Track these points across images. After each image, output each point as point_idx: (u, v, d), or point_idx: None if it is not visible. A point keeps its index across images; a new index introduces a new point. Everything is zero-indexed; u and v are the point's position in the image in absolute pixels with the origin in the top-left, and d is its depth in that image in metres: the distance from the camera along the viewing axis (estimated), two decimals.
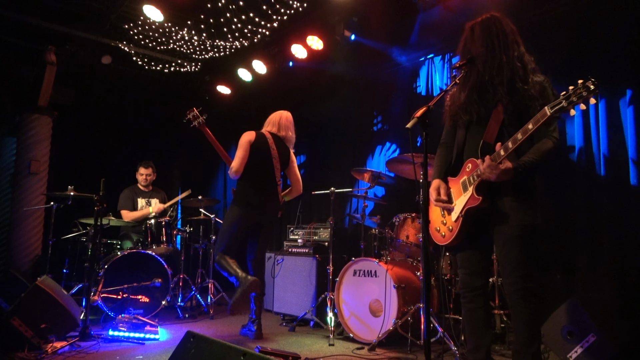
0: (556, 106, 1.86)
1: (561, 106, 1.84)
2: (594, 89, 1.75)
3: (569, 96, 1.82)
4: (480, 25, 2.31)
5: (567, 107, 1.82)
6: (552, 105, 1.88)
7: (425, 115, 1.89)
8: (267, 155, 3.77)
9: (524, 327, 2.19)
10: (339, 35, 4.95)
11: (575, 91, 1.81)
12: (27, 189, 5.63)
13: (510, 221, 2.16)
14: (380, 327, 3.51)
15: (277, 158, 3.79)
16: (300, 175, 4.01)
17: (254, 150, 3.74)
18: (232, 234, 3.70)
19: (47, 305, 3.24)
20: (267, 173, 3.76)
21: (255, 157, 3.74)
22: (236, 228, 3.70)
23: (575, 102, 1.80)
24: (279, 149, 3.83)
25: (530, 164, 2.10)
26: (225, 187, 7.55)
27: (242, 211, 3.72)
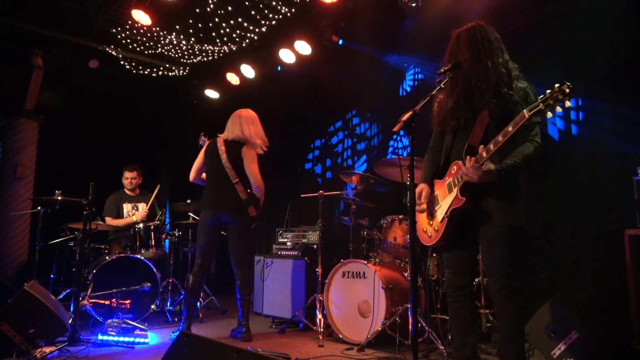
0: (534, 109, 1.94)
1: (539, 109, 1.92)
2: (569, 92, 1.83)
3: (546, 99, 1.90)
4: (466, 32, 2.38)
5: (545, 109, 1.90)
6: (530, 108, 1.96)
7: (411, 119, 1.95)
8: (217, 159, 3.91)
9: (508, 324, 2.26)
10: (327, 40, 5.01)
11: (551, 94, 1.89)
12: (12, 193, 5.57)
13: (495, 221, 2.23)
14: (369, 327, 3.56)
15: (227, 159, 3.89)
16: (257, 169, 3.96)
17: (206, 157, 3.99)
18: (202, 239, 3.86)
19: (36, 311, 3.23)
20: (221, 175, 3.88)
21: (209, 163, 3.97)
22: (203, 232, 3.85)
23: (552, 105, 1.88)
24: (228, 150, 3.92)
25: (512, 166, 2.18)
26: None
27: (203, 214, 3.88)
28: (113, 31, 5.39)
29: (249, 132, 4.00)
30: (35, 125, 5.84)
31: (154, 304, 4.41)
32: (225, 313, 5.21)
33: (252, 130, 4.03)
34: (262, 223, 7.05)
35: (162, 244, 4.85)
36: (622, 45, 3.67)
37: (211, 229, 3.83)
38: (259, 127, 4.11)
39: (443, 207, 2.33)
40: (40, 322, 3.21)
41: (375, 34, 4.96)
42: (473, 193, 2.23)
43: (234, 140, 3.96)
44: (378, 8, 4.55)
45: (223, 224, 3.90)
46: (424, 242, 2.51)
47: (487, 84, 2.26)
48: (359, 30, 4.92)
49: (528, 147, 2.22)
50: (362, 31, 4.93)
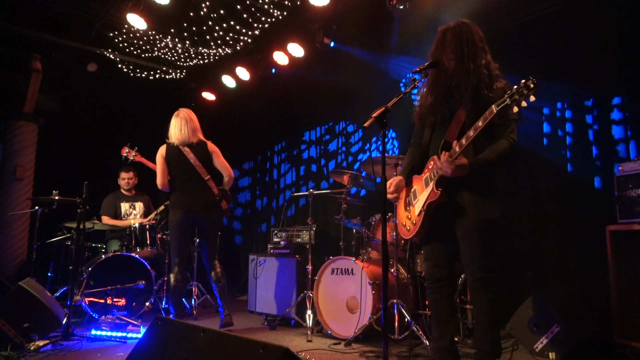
0: (501, 104, 2.01)
1: (505, 104, 1.99)
2: (534, 88, 1.91)
3: (513, 94, 1.97)
4: (452, 31, 2.42)
5: (511, 104, 1.97)
6: (498, 104, 2.03)
7: (382, 115, 2.03)
8: (184, 161, 4.04)
9: (483, 314, 2.33)
10: (319, 43, 5.10)
11: (517, 89, 1.96)
12: (12, 194, 5.69)
13: (469, 215, 2.30)
14: (356, 323, 3.62)
15: (196, 159, 4.04)
16: (226, 161, 4.18)
17: (169, 163, 4.08)
18: (177, 239, 3.99)
19: (30, 305, 3.32)
20: (191, 176, 4.03)
21: (173, 167, 4.07)
22: (177, 232, 3.99)
23: (517, 99, 1.95)
24: (195, 151, 4.07)
25: (485, 161, 2.25)
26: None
27: (174, 214, 4.01)
28: (110, 35, 5.51)
29: (199, 131, 4.19)
30: (34, 127, 5.96)
31: (148, 301, 4.49)
32: None
33: (199, 127, 4.21)
34: (259, 223, 7.16)
35: (157, 243, 4.93)
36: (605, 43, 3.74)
37: (184, 230, 4.01)
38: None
39: (420, 201, 2.41)
40: (34, 317, 3.30)
41: (365, 37, 5.05)
42: (449, 187, 2.31)
43: (197, 141, 4.11)
44: (367, 11, 4.64)
45: (194, 223, 4.10)
46: (403, 235, 2.59)
47: (466, 85, 2.32)
48: (350, 32, 5.02)
49: (502, 144, 2.29)
50: (352, 34, 5.03)
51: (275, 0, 4.59)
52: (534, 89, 1.91)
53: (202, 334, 1.42)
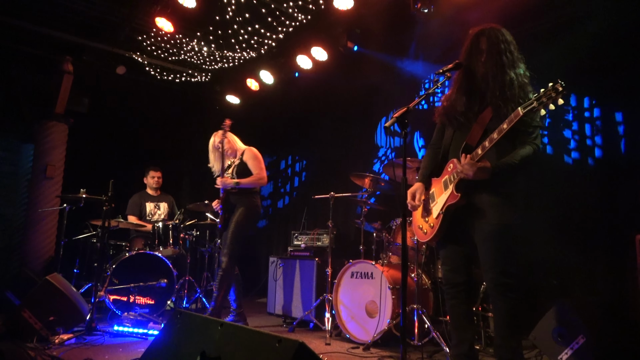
0: (528, 106, 1.98)
1: (532, 106, 1.95)
2: (562, 91, 1.87)
3: (540, 97, 1.94)
4: (486, 37, 2.37)
5: (538, 107, 1.93)
6: (525, 106, 2.00)
7: (404, 115, 2.02)
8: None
9: (503, 321, 2.29)
10: (342, 47, 5.12)
11: (545, 93, 1.93)
12: (42, 192, 5.87)
13: (489, 219, 2.26)
14: (375, 327, 3.60)
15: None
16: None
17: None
18: (246, 238, 4.10)
19: (56, 299, 3.41)
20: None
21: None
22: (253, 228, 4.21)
23: (545, 102, 1.91)
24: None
25: (508, 165, 2.21)
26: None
27: (258, 212, 4.26)
28: (139, 39, 5.64)
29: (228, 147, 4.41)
30: (64, 127, 6.14)
31: (169, 300, 4.55)
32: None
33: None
34: (280, 225, 7.19)
35: (180, 243, 5.01)
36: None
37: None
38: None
39: (439, 203, 2.38)
40: (59, 311, 3.39)
41: (388, 41, 5.04)
42: (468, 190, 2.27)
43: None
44: (391, 14, 4.63)
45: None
46: (419, 238, 2.56)
47: (511, 94, 2.25)
48: (373, 36, 5.02)
49: (526, 149, 2.25)
50: (376, 38, 5.02)
51: (300, 4, 4.62)
52: (562, 92, 1.87)
53: (220, 327, 1.44)
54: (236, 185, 4.07)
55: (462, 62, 2.39)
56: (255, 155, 4.24)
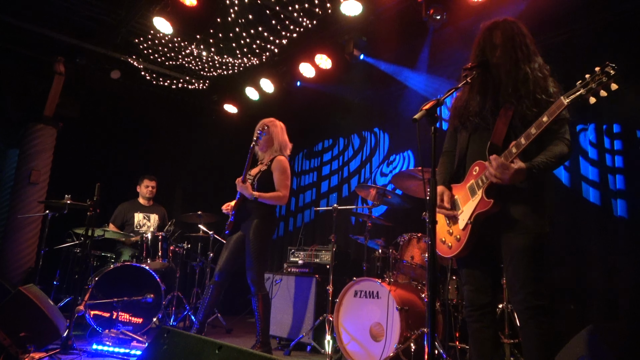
0: (573, 94, 1.74)
1: (579, 94, 1.71)
2: (614, 74, 1.64)
3: (587, 83, 1.70)
4: (501, 33, 2.19)
5: (586, 95, 1.70)
6: (569, 94, 1.76)
7: (433, 108, 1.77)
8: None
9: (535, 349, 2.00)
10: (348, 55, 4.92)
11: (593, 77, 1.69)
12: (25, 198, 5.52)
13: (520, 229, 2.00)
14: (381, 352, 3.28)
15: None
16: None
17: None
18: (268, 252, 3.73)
19: (29, 313, 3.07)
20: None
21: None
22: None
23: (594, 89, 1.68)
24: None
25: (545, 164, 1.96)
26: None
27: (274, 227, 3.80)
28: (135, 41, 5.42)
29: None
30: (53, 131, 5.84)
31: (156, 317, 4.21)
32: (231, 332, 4.97)
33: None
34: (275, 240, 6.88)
35: (169, 256, 4.68)
36: None
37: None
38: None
39: (465, 212, 2.11)
40: (32, 326, 3.06)
41: (396, 50, 4.85)
42: (501, 195, 2.01)
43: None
44: (401, 22, 4.44)
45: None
46: (443, 254, 2.27)
47: (526, 90, 2.07)
48: (381, 45, 4.83)
49: (561, 146, 2.01)
50: (384, 46, 4.83)
51: (306, 8, 4.43)
52: (614, 75, 1.63)
53: (218, 350, 1.14)
54: (254, 199, 3.56)
55: (486, 60, 2.17)
56: (284, 169, 3.68)
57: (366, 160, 5.78)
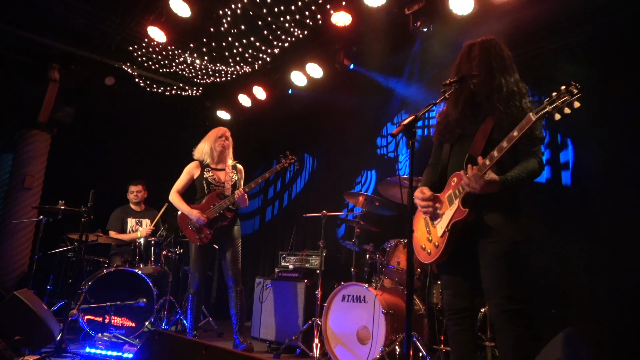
0: (541, 111, 1.85)
1: (546, 111, 1.83)
2: (578, 93, 1.75)
3: (553, 101, 1.82)
4: (479, 46, 2.33)
5: (552, 111, 1.81)
6: (537, 111, 1.87)
7: (412, 123, 1.88)
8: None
9: (510, 352, 2.10)
10: (339, 64, 5.03)
11: (559, 96, 1.81)
12: (18, 203, 5.59)
13: (496, 236, 2.11)
14: (367, 355, 3.38)
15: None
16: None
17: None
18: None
19: (23, 317, 3.14)
20: None
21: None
22: None
23: (560, 106, 1.79)
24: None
25: (517, 178, 2.08)
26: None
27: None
28: (130, 49, 5.50)
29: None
30: (47, 137, 5.91)
31: (148, 321, 4.28)
32: (222, 336, 5.05)
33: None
34: (266, 246, 6.96)
35: (162, 260, 4.76)
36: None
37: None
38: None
39: (443, 220, 2.22)
40: (27, 330, 3.12)
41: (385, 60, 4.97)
42: (476, 205, 2.13)
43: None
44: (390, 33, 4.57)
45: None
46: (422, 260, 2.38)
47: (499, 97, 2.19)
48: (370, 55, 4.95)
49: (532, 162, 2.13)
50: (373, 56, 4.95)
51: (297, 19, 4.54)
52: (577, 94, 1.75)
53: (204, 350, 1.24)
54: (246, 207, 4.08)
55: (464, 75, 2.28)
56: (243, 176, 4.29)
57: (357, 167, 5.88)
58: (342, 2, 4.35)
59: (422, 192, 2.33)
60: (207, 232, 3.96)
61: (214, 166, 4.19)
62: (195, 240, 3.97)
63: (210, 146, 4.18)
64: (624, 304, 3.42)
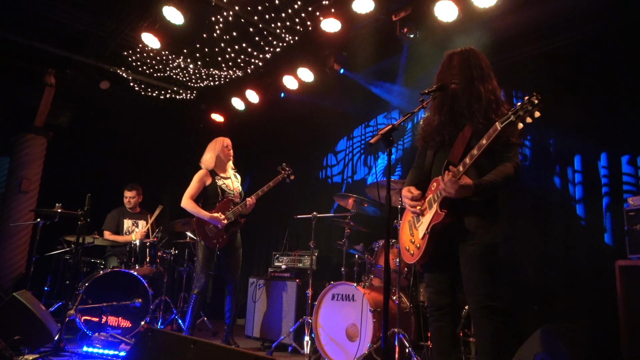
0: (505, 120, 1.98)
1: (510, 120, 1.96)
2: (538, 103, 1.88)
3: (517, 111, 1.95)
4: (459, 55, 2.45)
5: (516, 120, 1.94)
6: (502, 120, 2.00)
7: (389, 133, 2.00)
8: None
9: (486, 346, 2.23)
10: (329, 69, 5.15)
11: (522, 106, 1.94)
12: (16, 206, 5.68)
13: (474, 239, 2.24)
14: (355, 351, 3.50)
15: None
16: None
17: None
18: None
19: (23, 317, 3.25)
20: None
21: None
22: None
23: (522, 116, 1.92)
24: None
25: (491, 183, 2.21)
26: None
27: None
28: (124, 54, 5.60)
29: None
30: (43, 141, 6.01)
31: (143, 320, 4.39)
32: (216, 335, 5.16)
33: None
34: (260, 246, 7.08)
35: (157, 262, 4.86)
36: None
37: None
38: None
39: (424, 223, 2.35)
40: (26, 330, 3.23)
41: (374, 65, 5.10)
42: (453, 209, 2.25)
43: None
44: (378, 39, 4.69)
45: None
46: (406, 260, 2.52)
47: (478, 106, 2.31)
48: (360, 60, 5.06)
49: (507, 167, 2.26)
50: (362, 61, 5.07)
51: (288, 25, 4.66)
52: (538, 104, 1.88)
53: (193, 345, 1.36)
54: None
55: (444, 84, 2.41)
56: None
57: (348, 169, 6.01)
58: (331, 9, 4.46)
59: (410, 192, 2.45)
60: (224, 236, 4.14)
61: (222, 174, 4.35)
62: (213, 244, 4.13)
63: (217, 155, 4.40)
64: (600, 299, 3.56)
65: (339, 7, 4.44)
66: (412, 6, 4.24)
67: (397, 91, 5.21)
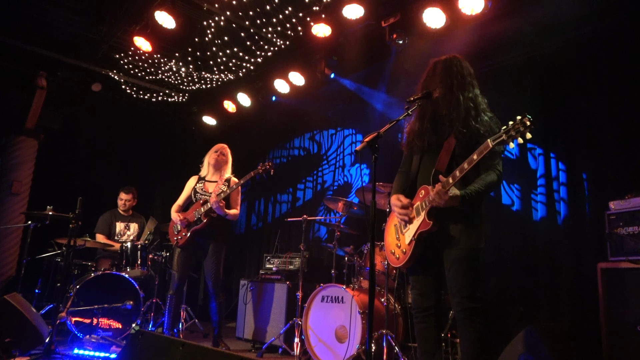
0: (497, 139, 2.05)
1: (502, 139, 2.03)
2: (529, 125, 1.95)
3: (509, 130, 2.01)
4: (442, 63, 2.53)
5: (507, 140, 2.01)
6: (494, 139, 2.07)
7: (374, 140, 2.06)
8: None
9: (470, 345, 2.31)
10: (320, 73, 5.20)
11: (514, 126, 2.00)
12: (6, 209, 5.68)
13: (458, 244, 2.32)
14: (344, 352, 3.56)
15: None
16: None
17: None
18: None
19: (14, 320, 3.27)
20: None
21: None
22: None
23: (513, 136, 1.99)
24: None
25: (476, 192, 2.28)
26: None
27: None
28: (116, 57, 5.62)
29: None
30: (34, 143, 6.01)
31: (135, 322, 4.41)
32: (207, 337, 5.18)
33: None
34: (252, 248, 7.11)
35: (148, 264, 4.89)
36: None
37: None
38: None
39: (411, 229, 2.42)
40: (17, 332, 3.25)
41: (364, 70, 5.16)
42: (439, 217, 2.33)
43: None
44: (368, 44, 4.76)
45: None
46: (392, 263, 2.58)
47: (457, 114, 2.39)
48: (350, 65, 5.13)
49: (491, 175, 2.33)
50: (352, 66, 5.13)
51: (279, 30, 4.71)
52: (529, 126, 1.94)
53: (181, 347, 1.41)
54: (224, 215, 4.14)
55: (428, 92, 2.48)
56: (239, 190, 4.34)
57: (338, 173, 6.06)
58: (321, 14, 4.52)
59: (399, 201, 2.50)
60: (182, 233, 4.20)
61: (208, 178, 4.41)
62: (172, 240, 4.29)
63: (207, 160, 4.45)
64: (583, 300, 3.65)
65: (329, 12, 4.50)
66: (401, 12, 4.31)
67: (383, 98, 5.28)
